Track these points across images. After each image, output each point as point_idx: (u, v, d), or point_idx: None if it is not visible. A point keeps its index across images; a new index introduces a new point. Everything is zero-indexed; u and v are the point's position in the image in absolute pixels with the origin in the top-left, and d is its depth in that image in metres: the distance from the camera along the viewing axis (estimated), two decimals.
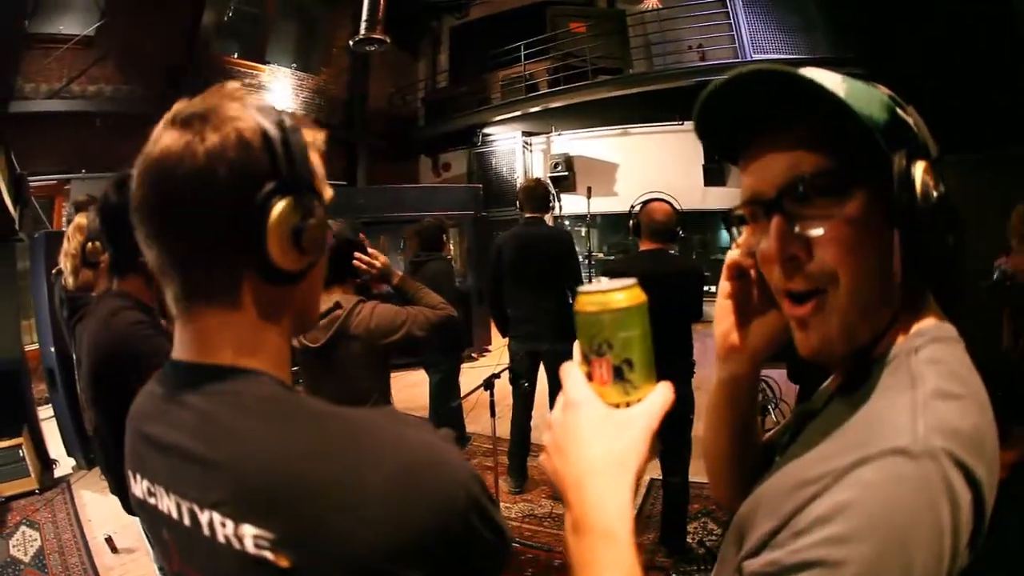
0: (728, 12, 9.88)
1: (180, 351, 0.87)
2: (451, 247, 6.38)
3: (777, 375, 4.57)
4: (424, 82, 16.29)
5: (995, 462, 0.70)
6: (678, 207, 3.96)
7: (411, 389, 6.31)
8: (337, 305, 2.82)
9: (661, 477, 4.15)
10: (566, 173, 12.98)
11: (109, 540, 4.60)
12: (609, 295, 0.73)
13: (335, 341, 2.78)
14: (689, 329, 3.91)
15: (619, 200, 12.66)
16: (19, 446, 5.60)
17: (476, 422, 6.18)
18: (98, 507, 5.28)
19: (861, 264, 0.77)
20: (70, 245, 2.93)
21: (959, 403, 0.70)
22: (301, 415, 0.80)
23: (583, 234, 13.13)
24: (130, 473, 0.93)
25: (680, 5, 10.99)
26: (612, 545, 0.69)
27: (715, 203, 11.72)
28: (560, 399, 0.77)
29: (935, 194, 0.73)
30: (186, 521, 0.80)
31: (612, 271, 4.04)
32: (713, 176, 11.54)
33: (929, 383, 0.71)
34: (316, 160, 0.90)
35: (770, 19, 9.69)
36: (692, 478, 3.98)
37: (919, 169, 0.74)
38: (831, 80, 0.76)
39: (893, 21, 8.04)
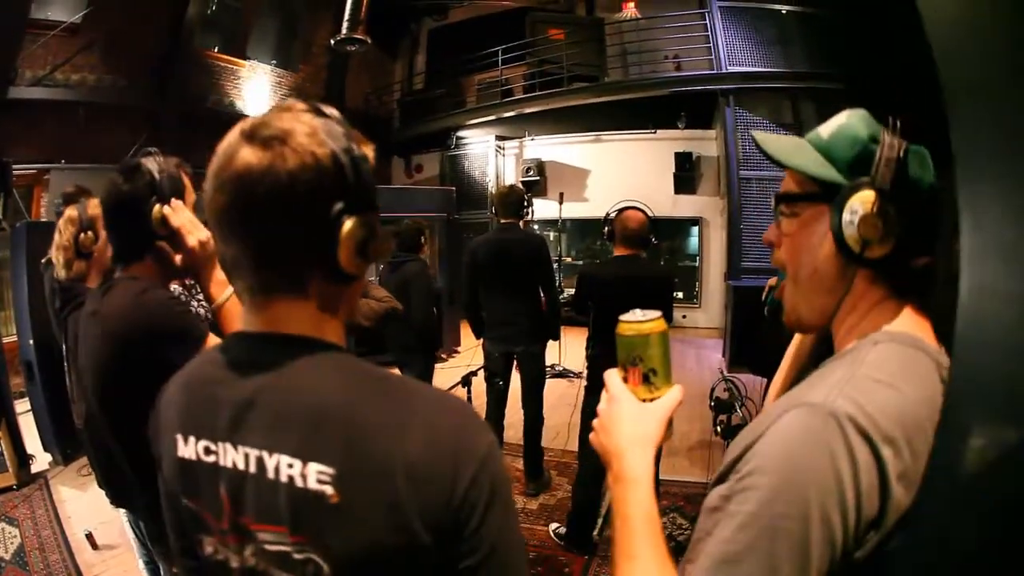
0: (706, 24, 9.96)
1: (251, 326, 1.01)
2: (427, 249, 6.46)
3: (745, 378, 4.76)
4: (401, 83, 16.32)
5: (916, 460, 0.84)
6: (651, 214, 4.17)
7: None
8: None
9: None
10: (538, 178, 13.15)
11: (90, 537, 4.61)
12: (642, 324, 1.09)
13: None
14: None
15: (590, 206, 12.89)
16: None
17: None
18: (76, 503, 5.30)
19: (800, 259, 1.08)
20: (62, 237, 2.89)
21: (888, 391, 0.87)
22: (365, 374, 0.97)
23: (551, 238, 13.25)
24: (179, 437, 1.03)
25: (658, 16, 11.13)
26: (639, 488, 1.04)
27: (685, 210, 12.02)
28: (604, 394, 1.16)
29: (862, 214, 0.95)
30: (252, 468, 0.93)
31: (588, 275, 4.27)
32: (683, 184, 11.75)
33: (867, 368, 0.91)
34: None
35: (748, 32, 9.80)
36: (661, 476, 4.13)
37: (855, 200, 0.96)
38: (812, 137, 1.08)
39: (870, 37, 8.21)
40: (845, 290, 1.03)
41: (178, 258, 1.99)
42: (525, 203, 5.41)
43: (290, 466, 0.90)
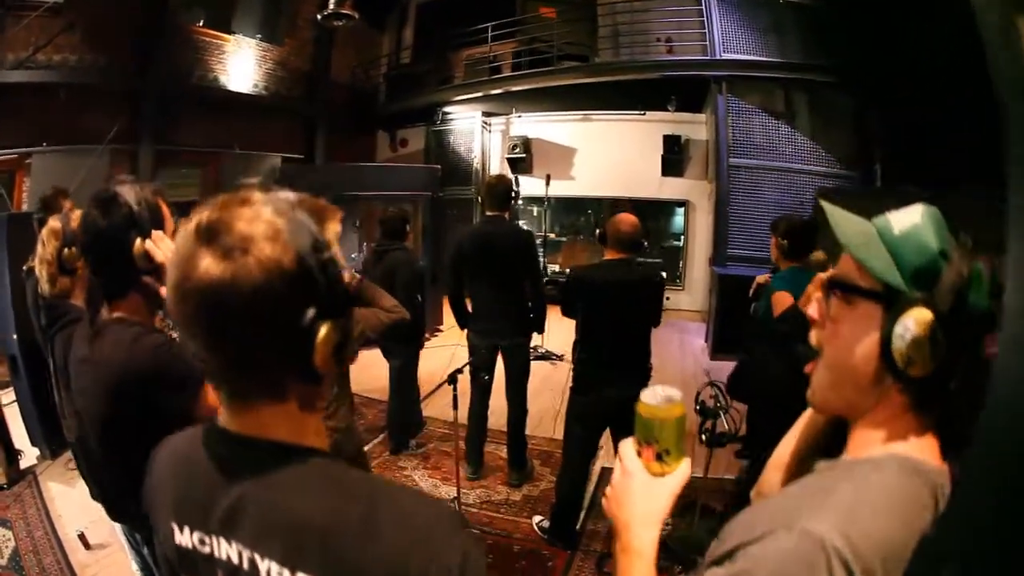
0: (701, 9, 9.89)
1: (233, 425, 1.04)
2: (411, 236, 6.45)
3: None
4: (388, 57, 16.17)
5: None
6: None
7: (370, 370, 6.39)
8: None
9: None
10: (524, 155, 13.08)
11: (82, 536, 4.60)
12: (660, 409, 1.14)
13: None
14: (649, 335, 4.23)
15: (576, 184, 12.95)
16: None
17: (433, 407, 6.39)
18: (66, 500, 5.29)
19: (841, 350, 1.07)
20: (45, 251, 2.83)
21: (881, 522, 0.92)
22: (344, 483, 1.01)
23: (535, 214, 13.42)
24: (175, 526, 1.08)
25: None
26: (642, 562, 1.12)
27: (671, 193, 12.06)
28: (618, 465, 1.21)
29: (914, 333, 0.95)
30: (246, 566, 0.99)
31: (580, 278, 4.22)
32: (671, 166, 11.73)
33: (869, 494, 0.95)
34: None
35: (743, 19, 9.76)
36: None
37: (911, 316, 0.96)
38: (883, 222, 1.06)
39: (866, 30, 8.20)
40: (876, 395, 1.04)
41: (164, 290, 1.81)
42: (513, 194, 5.36)
43: (280, 574, 0.96)
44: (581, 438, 4.28)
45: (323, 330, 0.95)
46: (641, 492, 1.17)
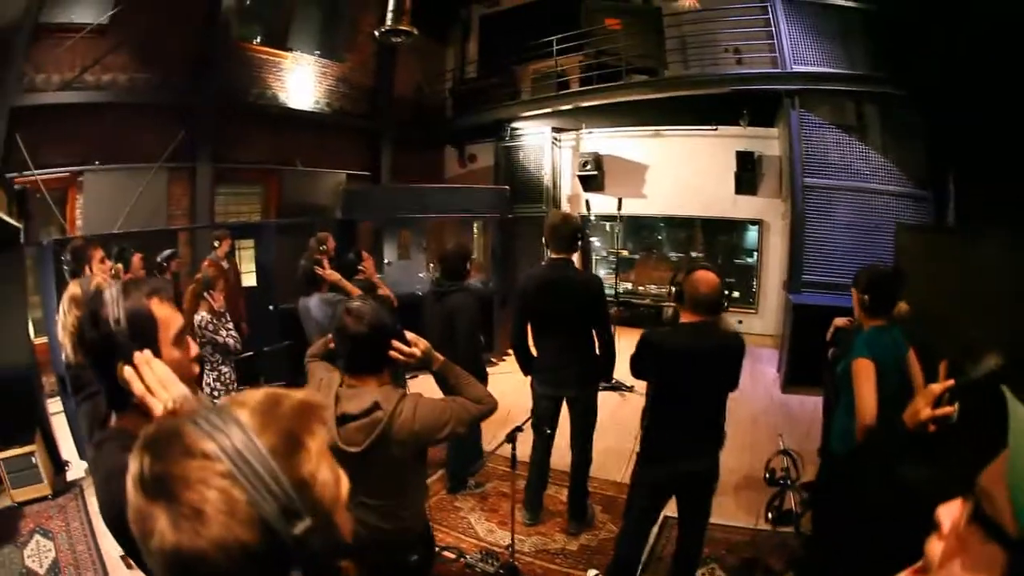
0: (768, 18, 9.77)
1: None
2: (473, 273, 6.42)
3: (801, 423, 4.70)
4: (452, 71, 16.27)
5: None
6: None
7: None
8: (376, 406, 2.59)
9: (677, 517, 4.21)
10: (595, 172, 13.00)
11: (124, 557, 4.61)
12: None
13: (376, 444, 2.57)
14: (725, 402, 3.93)
15: (648, 203, 12.89)
16: (32, 453, 5.76)
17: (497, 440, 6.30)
18: None
19: None
20: (67, 320, 2.83)
21: None
22: None
23: (607, 229, 13.39)
24: None
25: (718, 8, 10.90)
26: None
27: (745, 212, 11.90)
28: None
29: None
30: None
31: (656, 345, 3.85)
32: (745, 184, 11.56)
33: None
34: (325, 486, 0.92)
35: (810, 26, 9.60)
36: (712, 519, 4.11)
37: None
38: None
39: (935, 41, 8.01)
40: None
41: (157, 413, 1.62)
42: (579, 236, 5.07)
43: None
44: (645, 508, 4.11)
45: None
46: None
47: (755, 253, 12.18)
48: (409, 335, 2.78)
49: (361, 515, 2.68)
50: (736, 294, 12.39)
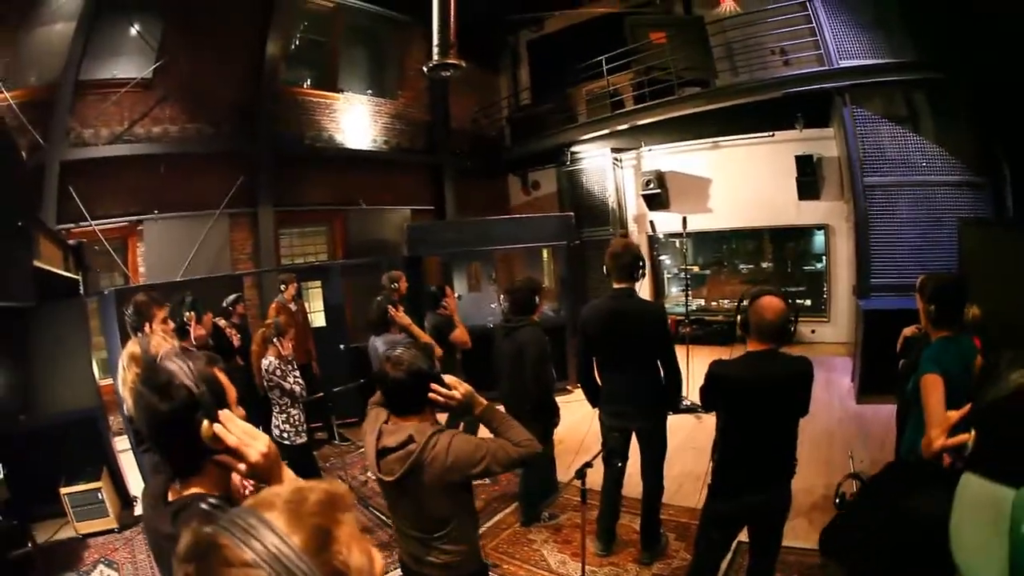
0: (808, 15, 9.79)
1: None
2: (542, 308, 6.53)
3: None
4: (507, 99, 16.52)
5: None
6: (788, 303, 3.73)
7: None
8: (411, 439, 2.79)
9: (748, 542, 4.16)
10: (659, 191, 13.09)
11: None
12: None
13: (409, 473, 2.78)
14: (796, 430, 3.86)
15: (713, 217, 12.93)
16: (98, 489, 6.08)
17: (570, 472, 6.30)
18: None
19: None
20: (127, 375, 2.99)
21: None
22: None
23: (676, 246, 13.44)
24: None
25: (759, 9, 10.94)
26: None
27: (810, 217, 11.88)
28: None
29: None
30: None
31: (719, 376, 3.82)
32: (807, 189, 11.52)
33: None
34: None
35: (849, 18, 9.61)
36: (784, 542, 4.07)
37: None
38: None
39: (974, 25, 7.92)
40: None
41: (242, 467, 1.84)
42: (640, 265, 5.07)
43: None
44: (716, 540, 4.07)
45: None
46: None
47: (823, 258, 12.10)
48: (449, 379, 2.94)
49: (406, 546, 3.02)
50: (808, 302, 12.35)
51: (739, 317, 3.86)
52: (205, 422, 1.79)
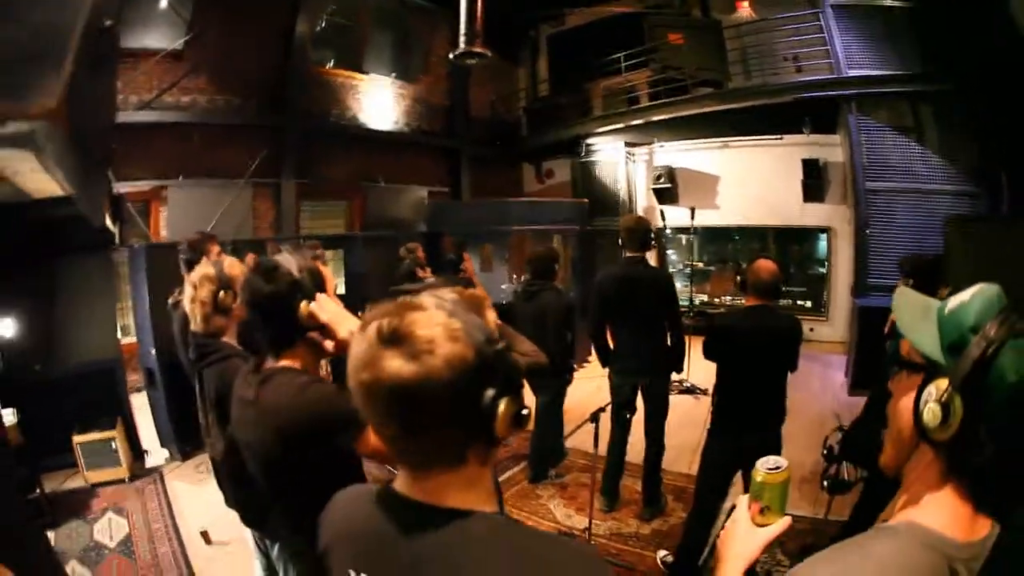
0: (820, 25, 10.06)
1: (411, 491, 1.20)
2: (561, 275, 6.83)
3: None
4: (525, 90, 16.81)
5: None
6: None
7: None
8: None
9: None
10: (669, 185, 13.58)
11: (204, 534, 5.02)
12: (767, 474, 1.44)
13: None
14: (785, 380, 4.39)
15: (721, 213, 13.29)
16: (112, 439, 6.19)
17: (575, 438, 6.24)
18: (191, 499, 5.76)
19: (894, 416, 1.25)
20: (198, 293, 3.13)
21: None
22: (514, 544, 1.14)
23: (683, 243, 13.73)
24: (352, 573, 1.24)
25: (773, 17, 11.21)
26: None
27: (813, 219, 12.17)
28: (734, 512, 1.51)
29: (932, 400, 1.08)
30: None
31: (720, 327, 4.50)
32: (812, 192, 11.83)
33: (870, 563, 1.07)
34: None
35: (859, 29, 9.85)
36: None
37: (933, 384, 1.10)
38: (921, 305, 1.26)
39: (981, 37, 8.17)
40: (917, 460, 1.18)
41: (330, 344, 2.18)
42: (652, 236, 5.53)
43: None
44: (714, 480, 4.49)
45: (503, 405, 1.12)
46: (740, 536, 1.43)
47: (826, 263, 12.34)
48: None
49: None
50: (808, 304, 12.63)
51: (739, 278, 4.51)
52: (303, 303, 2.10)
